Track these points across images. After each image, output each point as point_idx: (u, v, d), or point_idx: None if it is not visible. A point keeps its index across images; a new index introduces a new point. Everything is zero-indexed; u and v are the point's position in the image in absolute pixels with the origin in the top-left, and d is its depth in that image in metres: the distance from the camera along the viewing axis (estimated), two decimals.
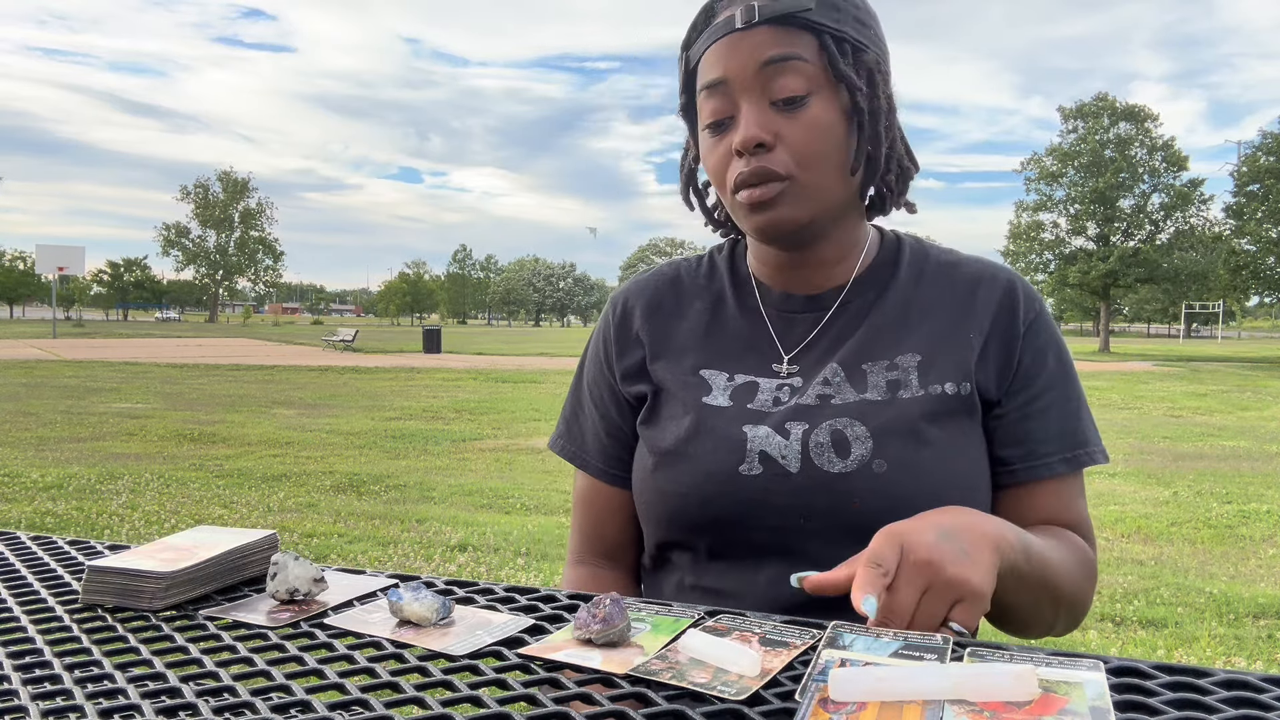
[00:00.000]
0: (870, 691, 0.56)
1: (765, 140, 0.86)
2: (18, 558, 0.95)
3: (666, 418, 0.95)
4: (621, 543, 1.04)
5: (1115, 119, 37.60)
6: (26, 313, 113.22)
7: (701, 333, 0.99)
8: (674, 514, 0.92)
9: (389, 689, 0.61)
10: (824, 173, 0.88)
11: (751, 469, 0.88)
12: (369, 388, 14.77)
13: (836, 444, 0.88)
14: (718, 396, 0.94)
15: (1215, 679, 0.59)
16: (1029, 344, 0.93)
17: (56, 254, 42.69)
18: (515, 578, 4.31)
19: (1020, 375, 0.92)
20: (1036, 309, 0.95)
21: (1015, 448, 0.92)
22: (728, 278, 1.02)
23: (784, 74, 0.86)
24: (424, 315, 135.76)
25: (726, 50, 0.87)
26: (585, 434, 1.05)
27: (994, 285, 0.95)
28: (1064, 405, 0.93)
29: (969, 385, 0.90)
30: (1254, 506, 6.24)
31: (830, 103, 0.87)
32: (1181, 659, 3.42)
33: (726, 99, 0.88)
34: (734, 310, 0.99)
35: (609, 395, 1.02)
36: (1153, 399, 14.59)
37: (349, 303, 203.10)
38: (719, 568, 0.92)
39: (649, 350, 1.00)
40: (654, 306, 1.02)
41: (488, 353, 28.67)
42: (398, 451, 8.24)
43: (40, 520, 5.30)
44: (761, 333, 0.97)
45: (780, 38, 0.86)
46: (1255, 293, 39.24)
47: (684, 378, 0.96)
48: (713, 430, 0.91)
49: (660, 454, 0.94)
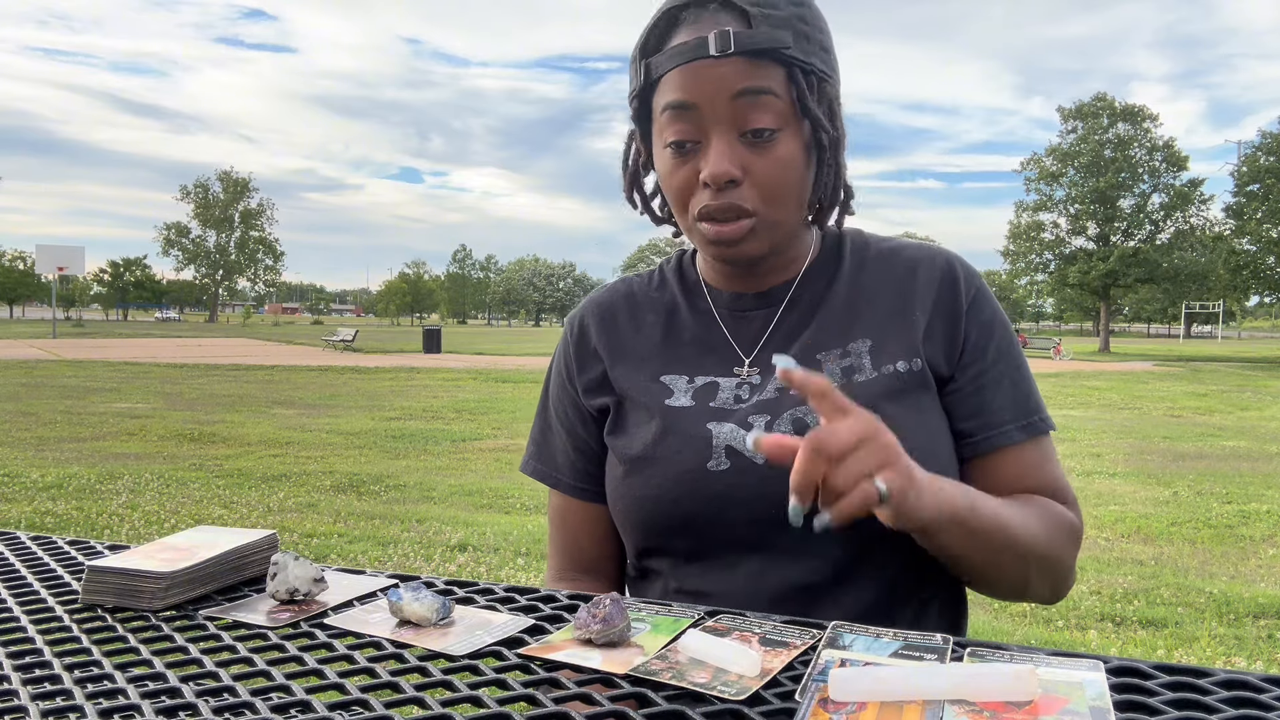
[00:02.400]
0: (870, 691, 0.56)
1: (736, 176, 0.87)
2: (18, 558, 0.95)
3: (632, 425, 0.97)
4: (599, 557, 1.06)
5: (1115, 119, 37.62)
6: (26, 313, 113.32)
7: (658, 340, 1.01)
8: (649, 518, 0.94)
9: (389, 689, 0.61)
10: (787, 209, 0.90)
11: (719, 465, 0.90)
12: (369, 388, 14.77)
13: (798, 433, 0.88)
14: (680, 398, 0.95)
15: (1215, 679, 0.59)
16: (973, 319, 0.95)
17: (56, 254, 42.66)
18: (515, 578, 4.31)
19: (969, 350, 0.94)
20: (977, 285, 0.97)
21: (972, 419, 0.94)
22: (677, 286, 1.04)
23: (755, 108, 0.86)
24: (424, 315, 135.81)
25: (697, 76, 0.86)
26: (555, 453, 1.06)
27: (933, 266, 0.97)
28: (1014, 375, 0.95)
29: (920, 361, 0.92)
30: (1254, 506, 6.24)
31: (795, 137, 0.88)
32: (1181, 659, 3.42)
33: (694, 125, 0.88)
34: (687, 316, 1.01)
35: (574, 412, 1.04)
36: (1153, 399, 14.59)
37: (349, 303, 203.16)
38: (698, 569, 0.93)
39: (608, 362, 1.02)
40: (609, 321, 1.04)
41: (488, 353, 28.68)
42: (398, 451, 8.24)
43: (40, 520, 5.30)
44: (716, 335, 0.99)
45: (754, 70, 0.85)
46: (1255, 293, 39.25)
47: (645, 384, 0.98)
48: (679, 431, 0.93)
49: (630, 460, 0.95)
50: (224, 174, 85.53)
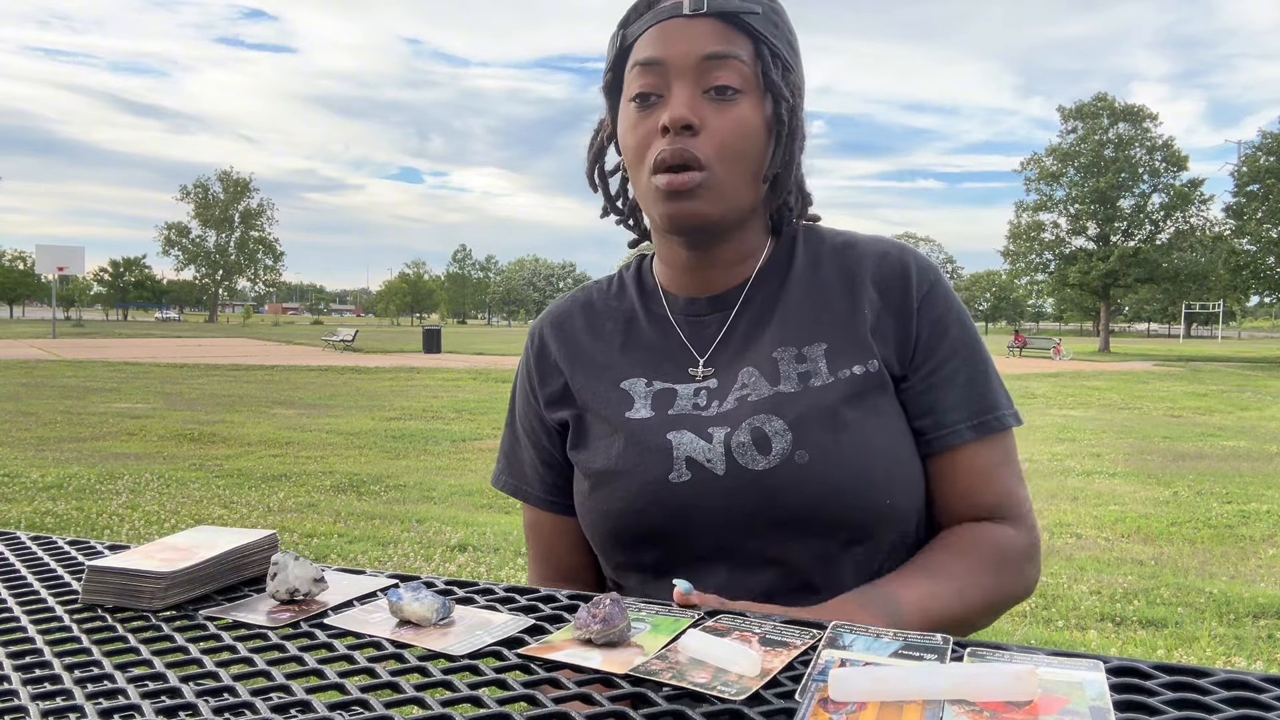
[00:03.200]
0: (870, 691, 0.56)
1: (693, 123, 0.87)
2: (18, 558, 0.95)
3: (595, 438, 0.97)
4: (578, 566, 1.06)
5: (1115, 119, 37.64)
6: (26, 313, 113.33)
7: (617, 349, 1.01)
8: (616, 531, 0.94)
9: (389, 689, 0.61)
10: (739, 172, 0.90)
11: (681, 476, 0.90)
12: (369, 388, 14.77)
13: (757, 442, 0.89)
14: (640, 409, 0.95)
15: (1215, 679, 0.59)
16: (925, 316, 0.93)
17: (56, 254, 42.67)
18: (515, 578, 4.31)
19: (921, 348, 0.93)
20: (931, 279, 0.95)
21: (925, 418, 0.93)
22: (635, 292, 1.04)
23: (721, 69, 0.88)
24: (424, 315, 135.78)
25: (669, 34, 0.89)
26: (524, 467, 1.07)
27: (884, 261, 0.96)
28: (969, 372, 0.93)
29: (876, 362, 0.92)
30: (1254, 506, 6.24)
31: (757, 108, 0.90)
32: (1181, 659, 3.42)
33: (660, 79, 0.90)
34: (644, 322, 1.01)
35: (539, 425, 1.04)
36: (1153, 399, 14.59)
37: (349, 303, 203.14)
38: (666, 584, 0.91)
39: (568, 373, 1.02)
40: (568, 332, 1.04)
41: (488, 353, 28.67)
42: (398, 451, 8.24)
43: (40, 520, 5.30)
44: (673, 340, 0.98)
45: (723, 34, 0.89)
46: (1255, 293, 39.26)
47: (605, 394, 0.98)
48: (640, 443, 0.92)
49: (594, 475, 0.95)
50: (224, 174, 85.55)
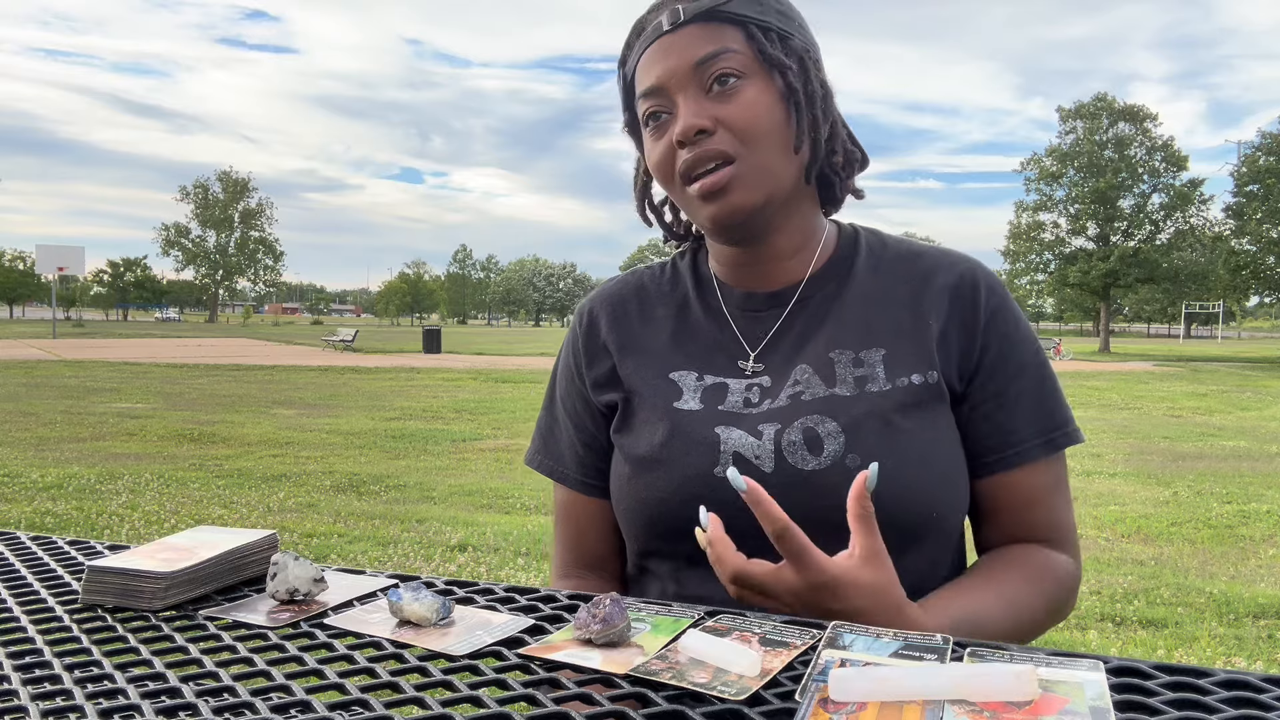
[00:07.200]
0: (870, 691, 0.56)
1: (705, 126, 0.87)
2: (18, 558, 0.95)
3: (640, 424, 0.96)
4: (604, 553, 1.04)
5: (1114, 119, 37.63)
6: (26, 313, 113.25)
7: (668, 337, 0.99)
8: (653, 521, 0.93)
9: (389, 689, 0.61)
10: (768, 151, 0.88)
11: (725, 471, 0.89)
12: (369, 388, 14.77)
13: (809, 442, 0.88)
14: (689, 400, 0.94)
15: (1215, 679, 0.59)
16: (993, 333, 0.92)
17: (56, 254, 42.67)
18: (515, 578, 4.31)
19: (987, 366, 0.92)
20: (1000, 296, 0.94)
21: (990, 438, 0.92)
22: (690, 281, 1.03)
23: (717, 64, 0.88)
24: (424, 315, 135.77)
25: (659, 54, 0.90)
26: (561, 447, 1.05)
27: (952, 273, 0.94)
28: (1037, 391, 0.93)
29: (935, 374, 0.90)
30: (1254, 506, 6.24)
31: (765, 87, 0.89)
32: (1181, 659, 3.42)
33: (664, 99, 0.90)
34: (699, 313, 1.00)
35: (582, 406, 1.03)
36: (1153, 399, 14.58)
37: (349, 303, 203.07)
38: (700, 575, 0.91)
39: (617, 357, 1.00)
40: (620, 314, 1.03)
41: (488, 353, 28.67)
42: (398, 451, 8.24)
43: (40, 520, 5.30)
44: (727, 333, 0.97)
45: (708, 34, 0.88)
46: (1255, 293, 39.21)
47: (654, 382, 0.97)
48: (686, 434, 0.91)
49: (636, 461, 0.94)
50: (223, 174, 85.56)
